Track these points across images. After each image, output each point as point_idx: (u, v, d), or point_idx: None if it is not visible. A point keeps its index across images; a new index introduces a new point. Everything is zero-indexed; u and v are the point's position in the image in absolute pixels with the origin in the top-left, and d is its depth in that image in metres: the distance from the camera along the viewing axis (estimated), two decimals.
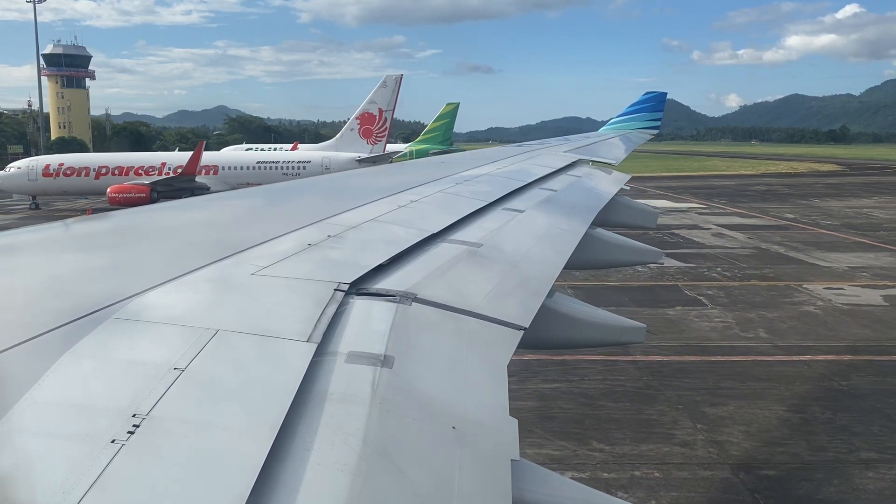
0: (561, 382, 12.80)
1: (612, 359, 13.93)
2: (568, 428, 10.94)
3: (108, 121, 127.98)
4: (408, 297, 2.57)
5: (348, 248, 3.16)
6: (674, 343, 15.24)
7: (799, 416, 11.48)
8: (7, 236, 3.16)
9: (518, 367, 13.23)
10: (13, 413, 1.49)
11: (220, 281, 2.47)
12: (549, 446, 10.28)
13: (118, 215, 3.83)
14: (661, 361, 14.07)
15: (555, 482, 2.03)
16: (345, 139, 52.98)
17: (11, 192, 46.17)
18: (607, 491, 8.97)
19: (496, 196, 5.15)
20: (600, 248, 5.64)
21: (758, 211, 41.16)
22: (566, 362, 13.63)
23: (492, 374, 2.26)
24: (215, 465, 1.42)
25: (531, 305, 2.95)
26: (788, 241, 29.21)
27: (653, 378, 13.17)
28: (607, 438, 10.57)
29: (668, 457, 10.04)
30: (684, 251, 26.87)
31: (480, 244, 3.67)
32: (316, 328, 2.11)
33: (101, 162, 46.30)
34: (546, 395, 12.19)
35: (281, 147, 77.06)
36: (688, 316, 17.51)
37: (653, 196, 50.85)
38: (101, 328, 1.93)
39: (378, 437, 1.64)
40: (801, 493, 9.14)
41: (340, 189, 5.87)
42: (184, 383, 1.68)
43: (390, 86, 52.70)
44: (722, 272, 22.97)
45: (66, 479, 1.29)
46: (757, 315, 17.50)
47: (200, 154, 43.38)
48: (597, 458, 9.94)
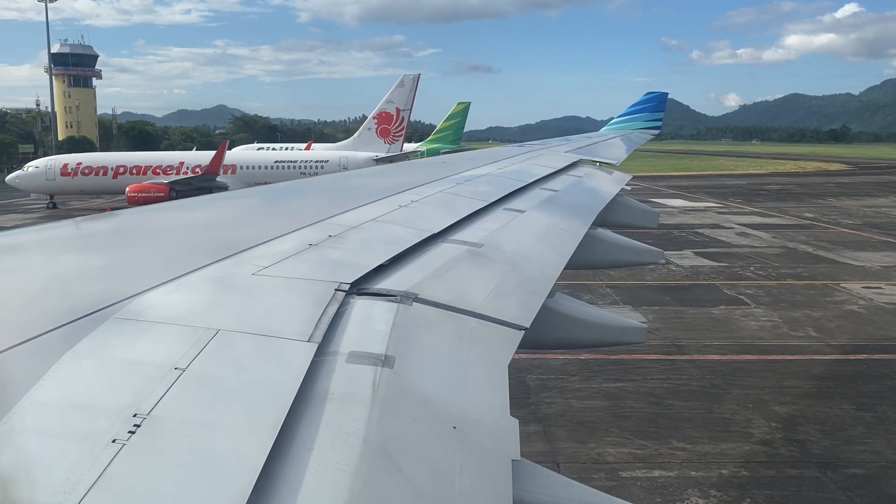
0: (625, 381, 12.97)
1: (671, 358, 14.20)
2: (643, 427, 11.06)
3: (115, 120, 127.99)
4: (409, 297, 2.57)
5: (349, 248, 3.16)
6: (726, 342, 15.39)
7: (870, 414, 11.50)
8: (7, 236, 3.16)
9: (578, 366, 13.53)
10: (14, 413, 1.49)
11: (221, 281, 2.47)
12: (630, 445, 10.41)
13: (118, 215, 3.83)
14: (719, 361, 14.20)
15: (555, 482, 2.03)
16: (362, 138, 53.29)
17: (29, 191, 46.25)
18: (698, 488, 9.04)
19: (497, 196, 5.15)
20: (601, 249, 5.65)
21: (776, 210, 41.22)
22: (624, 361, 13.86)
23: (493, 374, 2.26)
24: (216, 464, 1.42)
25: (532, 305, 2.95)
26: (815, 241, 29.26)
27: (715, 377, 13.30)
28: (685, 437, 10.66)
29: (752, 455, 10.10)
30: (713, 250, 27.02)
31: (481, 244, 3.67)
32: (317, 328, 2.11)
33: (119, 161, 46.44)
34: (613, 395, 12.34)
35: (292, 146, 77.02)
36: (733, 315, 17.62)
37: (667, 195, 51.01)
38: (101, 328, 1.93)
39: (379, 437, 1.63)
40: (893, 491, 9.15)
41: (341, 189, 5.87)
42: (184, 383, 1.68)
43: (408, 85, 52.98)
44: (756, 271, 23.08)
45: (67, 479, 1.29)
46: (802, 314, 17.59)
47: (223, 153, 43.43)
48: (680, 457, 10.03)
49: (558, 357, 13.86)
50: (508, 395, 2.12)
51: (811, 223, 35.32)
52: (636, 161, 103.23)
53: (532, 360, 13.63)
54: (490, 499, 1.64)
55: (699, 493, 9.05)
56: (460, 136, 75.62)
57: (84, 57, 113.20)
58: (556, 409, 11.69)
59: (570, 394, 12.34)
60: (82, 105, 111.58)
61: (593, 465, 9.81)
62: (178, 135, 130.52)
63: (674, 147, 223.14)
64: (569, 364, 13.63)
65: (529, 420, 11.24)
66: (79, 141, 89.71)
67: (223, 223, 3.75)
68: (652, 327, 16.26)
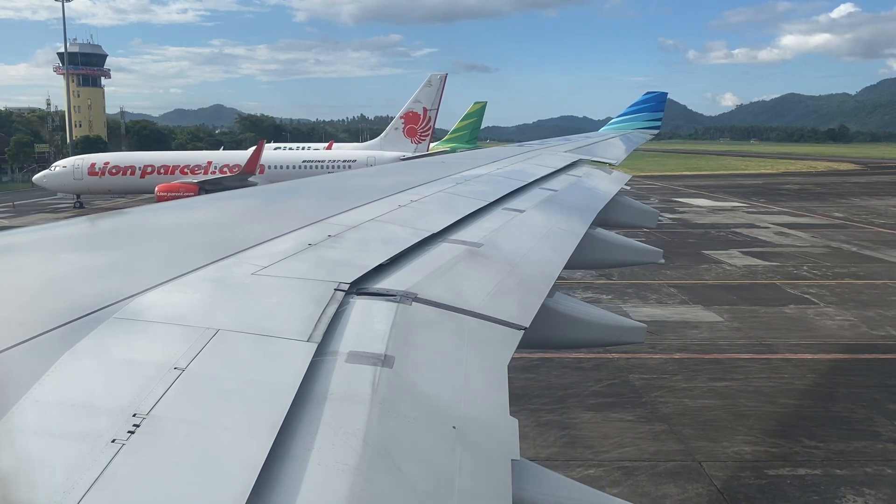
0: (729, 381, 13.09)
1: (764, 357, 14.40)
2: (768, 425, 11.16)
3: (123, 120, 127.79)
4: (408, 297, 2.57)
5: (348, 247, 3.16)
6: (813, 341, 15.52)
7: None
8: (7, 236, 3.16)
9: (676, 366, 13.75)
10: (13, 413, 1.49)
11: (221, 281, 2.47)
12: (763, 444, 10.50)
13: (118, 215, 3.83)
14: (813, 360, 14.33)
15: (554, 482, 2.03)
16: (389, 138, 53.83)
17: (57, 190, 46.37)
18: (849, 487, 9.10)
19: (496, 196, 5.15)
20: (601, 248, 5.65)
21: (803, 210, 41.43)
22: (720, 361, 14.10)
23: (492, 373, 2.25)
24: (216, 464, 1.42)
25: (531, 305, 2.95)
26: (856, 241, 29.36)
27: (815, 376, 13.40)
28: (814, 435, 10.76)
29: (890, 453, 10.18)
30: (758, 250, 27.26)
31: (481, 244, 3.67)
32: (316, 328, 2.11)
33: (147, 161, 46.40)
34: (723, 394, 12.46)
35: (307, 146, 76.96)
36: (806, 314, 17.78)
37: (688, 195, 51.31)
38: (101, 328, 1.93)
39: (378, 437, 1.63)
40: None
41: (341, 189, 5.86)
42: (184, 383, 1.68)
43: (435, 85, 53.45)
44: (810, 271, 23.23)
45: (67, 479, 1.29)
46: (876, 314, 17.69)
47: (261, 153, 43.44)
48: (819, 455, 10.11)
49: (653, 357, 14.19)
50: (508, 395, 2.12)
51: (844, 223, 35.52)
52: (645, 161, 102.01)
53: (629, 359, 13.88)
54: (489, 498, 1.64)
55: (853, 491, 9.11)
56: (476, 135, 75.42)
57: (93, 56, 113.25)
58: (673, 409, 11.82)
59: (681, 393, 12.48)
60: (93, 104, 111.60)
61: (735, 465, 9.87)
62: (184, 135, 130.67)
63: (673, 147, 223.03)
64: (666, 364, 13.92)
65: (652, 419, 11.39)
66: (93, 140, 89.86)
67: (222, 223, 3.75)
68: (732, 326, 16.54)
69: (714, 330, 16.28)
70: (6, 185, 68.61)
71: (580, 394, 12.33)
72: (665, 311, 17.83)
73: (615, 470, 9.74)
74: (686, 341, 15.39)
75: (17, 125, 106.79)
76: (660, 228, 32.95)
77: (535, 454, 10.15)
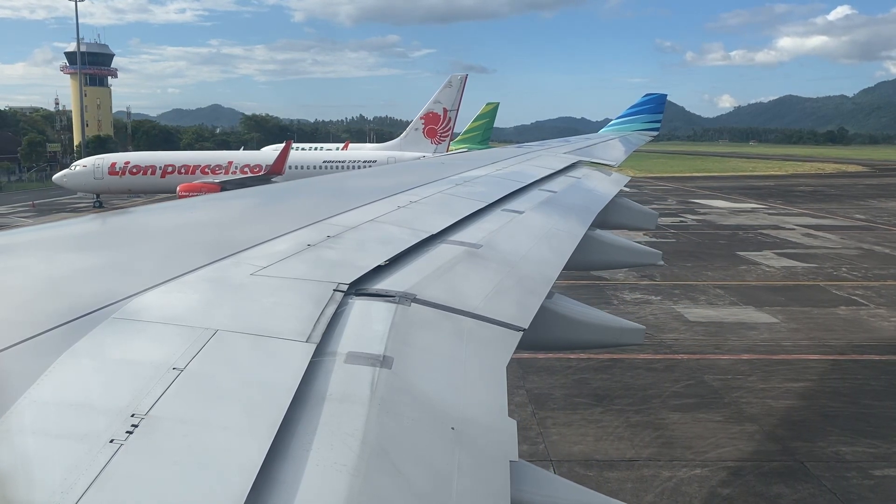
0: (804, 381, 13.18)
1: (831, 358, 14.49)
2: (859, 426, 11.19)
3: (129, 120, 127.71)
4: (407, 298, 2.57)
5: (347, 248, 3.16)
6: (875, 343, 15.57)
7: None
8: (7, 236, 3.15)
9: (747, 366, 13.83)
10: (12, 412, 1.49)
11: (219, 281, 2.47)
12: (860, 444, 10.52)
13: (118, 215, 3.83)
14: (882, 361, 14.38)
15: (553, 483, 2.03)
16: (409, 138, 54.00)
17: (77, 190, 46.18)
18: None
19: (496, 197, 5.15)
20: (600, 250, 5.65)
21: (822, 211, 41.52)
22: (788, 361, 14.22)
23: (491, 374, 2.25)
24: (214, 464, 1.42)
25: (530, 306, 2.95)
26: (886, 242, 29.48)
27: (890, 377, 13.44)
28: None
29: None
30: (792, 251, 27.37)
31: (480, 245, 3.67)
32: (315, 328, 2.11)
33: (168, 160, 46.25)
34: (803, 394, 12.50)
35: (321, 146, 76.84)
36: (859, 316, 17.85)
37: (703, 196, 51.41)
38: (99, 328, 1.93)
39: (377, 438, 1.63)
40: None
41: (340, 190, 5.87)
42: (182, 383, 1.68)
43: (455, 85, 53.47)
44: (849, 272, 23.30)
45: (65, 479, 1.29)
46: None
47: (287, 153, 43.36)
48: None
49: (723, 357, 14.29)
50: (506, 396, 2.12)
51: (868, 224, 35.64)
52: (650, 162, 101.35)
53: (699, 360, 14.02)
54: (488, 499, 1.64)
55: None
56: (489, 136, 75.18)
57: (100, 56, 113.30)
58: (759, 409, 11.86)
59: (760, 394, 12.53)
60: (101, 104, 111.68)
61: (839, 465, 9.89)
62: (190, 135, 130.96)
63: (674, 148, 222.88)
64: (738, 364, 14.02)
65: (743, 419, 11.42)
66: (105, 139, 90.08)
67: (221, 223, 3.75)
68: (790, 327, 16.64)
69: (773, 331, 16.38)
70: (20, 185, 68.68)
71: (661, 395, 12.42)
72: (719, 313, 17.99)
73: (720, 470, 9.77)
74: (749, 342, 15.49)
75: (23, 125, 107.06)
76: (687, 230, 33.32)
77: (636, 454, 10.22)
